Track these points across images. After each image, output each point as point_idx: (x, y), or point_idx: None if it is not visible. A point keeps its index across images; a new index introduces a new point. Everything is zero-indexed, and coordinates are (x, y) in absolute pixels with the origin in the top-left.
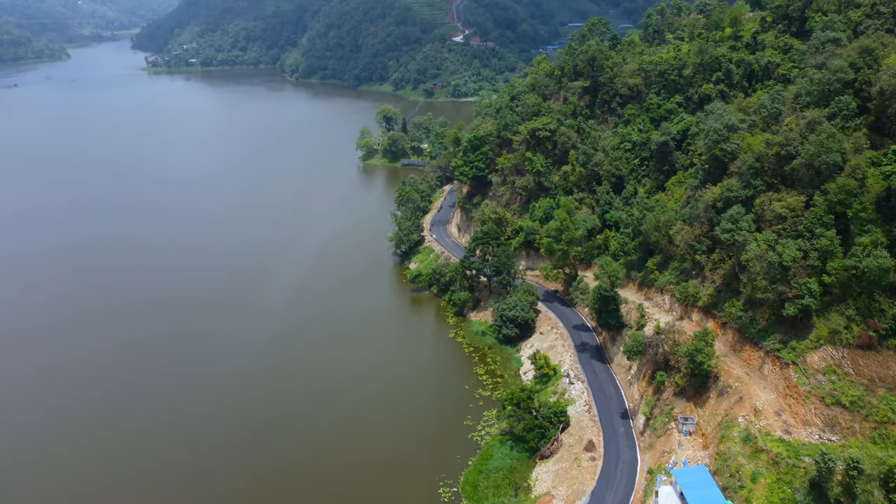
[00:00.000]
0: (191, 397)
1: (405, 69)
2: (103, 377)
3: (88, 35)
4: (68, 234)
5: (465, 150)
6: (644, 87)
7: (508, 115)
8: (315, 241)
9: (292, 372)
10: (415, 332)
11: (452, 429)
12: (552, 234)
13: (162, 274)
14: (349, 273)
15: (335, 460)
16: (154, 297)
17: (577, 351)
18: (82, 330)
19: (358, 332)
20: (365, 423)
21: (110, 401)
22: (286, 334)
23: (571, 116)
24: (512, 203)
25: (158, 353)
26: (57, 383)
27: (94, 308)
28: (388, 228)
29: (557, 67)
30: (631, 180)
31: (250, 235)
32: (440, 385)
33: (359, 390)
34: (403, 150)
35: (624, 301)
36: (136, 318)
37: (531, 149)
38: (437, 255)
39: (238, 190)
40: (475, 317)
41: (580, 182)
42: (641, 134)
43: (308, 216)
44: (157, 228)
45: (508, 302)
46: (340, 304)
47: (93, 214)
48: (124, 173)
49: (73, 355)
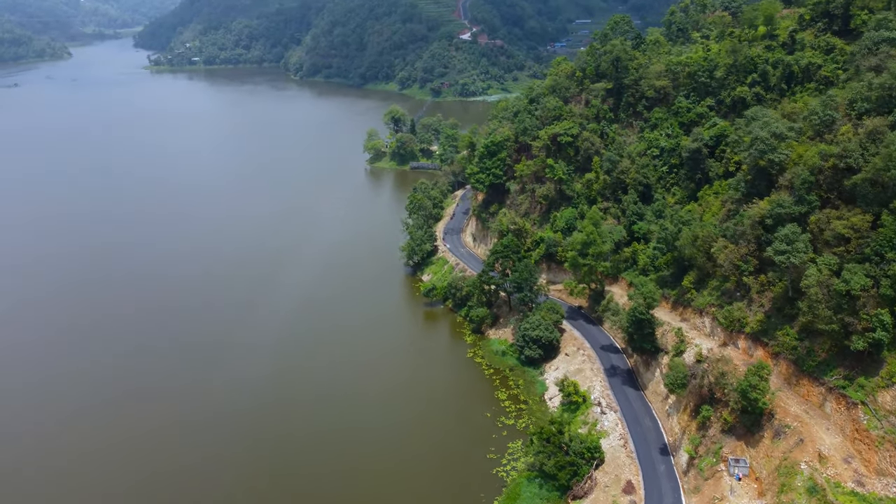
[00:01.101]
0: (193, 407)
1: (411, 68)
2: (104, 385)
3: (91, 33)
4: (66, 241)
5: (480, 156)
6: (672, 89)
7: (527, 120)
8: (322, 249)
9: (295, 395)
10: (430, 351)
11: (475, 463)
12: (577, 247)
13: (164, 282)
14: (358, 284)
15: (344, 499)
16: (156, 306)
17: (607, 375)
18: (83, 339)
19: (368, 350)
20: (379, 456)
21: (111, 408)
22: (290, 348)
23: (594, 120)
24: (531, 212)
25: (160, 362)
26: (59, 391)
27: (93, 316)
28: (399, 236)
29: (578, 68)
30: (659, 189)
31: (254, 242)
32: (461, 412)
33: (371, 417)
34: (412, 152)
35: (659, 323)
36: (138, 326)
37: (552, 155)
38: (452, 266)
39: (242, 194)
40: (494, 334)
41: (604, 190)
42: (670, 139)
43: (314, 222)
44: (159, 235)
45: (531, 321)
46: (348, 317)
47: (92, 221)
48: (125, 177)
49: (73, 364)
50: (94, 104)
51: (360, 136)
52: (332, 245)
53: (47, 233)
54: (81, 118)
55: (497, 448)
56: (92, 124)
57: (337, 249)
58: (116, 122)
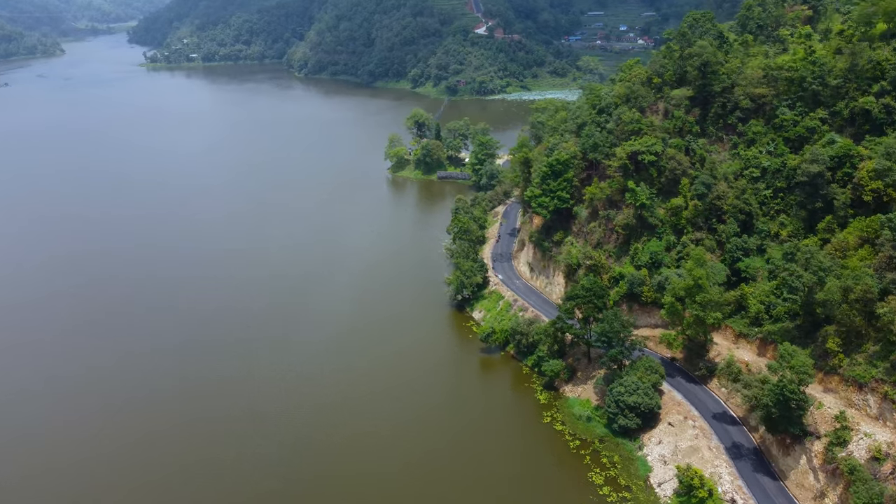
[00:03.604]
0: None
1: (424, 64)
2: (111, 405)
3: (83, 28)
4: (68, 247)
5: (543, 177)
6: (773, 98)
7: (597, 134)
8: (350, 278)
9: (331, 471)
10: (496, 413)
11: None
12: (680, 292)
13: (189, 315)
14: (397, 323)
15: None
16: (192, 339)
17: (730, 458)
18: (85, 345)
19: (417, 407)
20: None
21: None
22: (322, 413)
23: (677, 135)
24: (605, 242)
25: (218, 429)
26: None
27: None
28: (435, 258)
29: (654, 73)
30: (761, 217)
31: (273, 268)
32: (553, 501)
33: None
34: (439, 160)
35: (809, 401)
36: (183, 396)
37: (630, 175)
38: (509, 303)
39: (254, 212)
40: (572, 392)
41: (696, 218)
42: (774, 158)
43: (339, 242)
44: (167, 269)
45: (627, 384)
46: (391, 366)
47: (86, 239)
48: (118, 190)
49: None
50: (91, 108)
51: (377, 138)
52: (362, 272)
53: (62, 237)
54: (78, 126)
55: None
56: (90, 133)
57: (367, 277)
58: (115, 130)
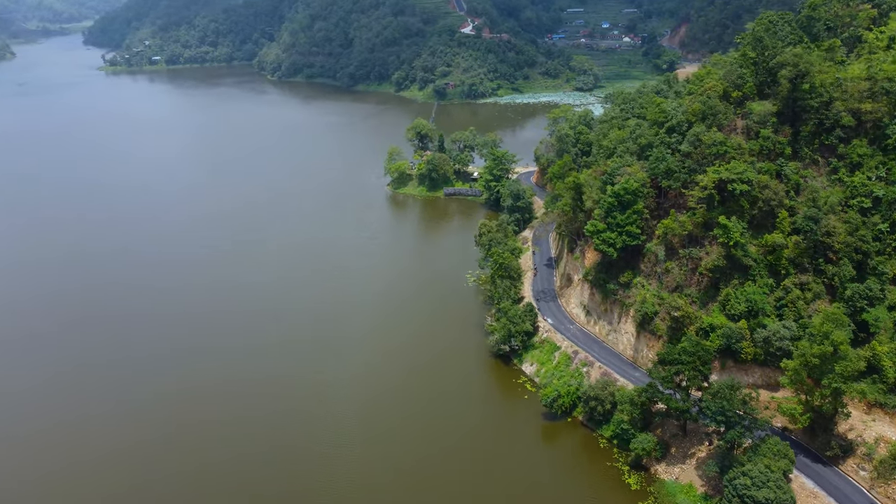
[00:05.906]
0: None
1: (408, 66)
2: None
3: (34, 29)
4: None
5: (608, 209)
6: (885, 115)
7: (669, 158)
8: (370, 322)
9: None
10: (573, 501)
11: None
12: (813, 360)
13: (200, 363)
14: (434, 383)
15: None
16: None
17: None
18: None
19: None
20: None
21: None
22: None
23: (766, 158)
24: (686, 286)
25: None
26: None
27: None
28: (465, 295)
29: (731, 85)
30: (877, 257)
31: (285, 309)
32: None
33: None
34: (446, 175)
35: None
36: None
37: (712, 207)
38: (568, 355)
39: (253, 245)
40: (666, 472)
41: (799, 258)
42: (889, 186)
43: (345, 278)
44: (169, 308)
45: (753, 475)
46: (434, 440)
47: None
48: (83, 220)
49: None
50: (50, 114)
51: (367, 147)
52: (380, 316)
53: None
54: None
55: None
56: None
57: (388, 321)
58: (78, 145)
